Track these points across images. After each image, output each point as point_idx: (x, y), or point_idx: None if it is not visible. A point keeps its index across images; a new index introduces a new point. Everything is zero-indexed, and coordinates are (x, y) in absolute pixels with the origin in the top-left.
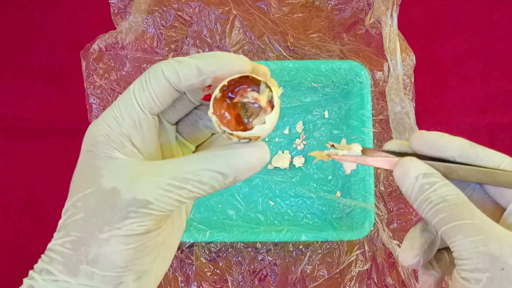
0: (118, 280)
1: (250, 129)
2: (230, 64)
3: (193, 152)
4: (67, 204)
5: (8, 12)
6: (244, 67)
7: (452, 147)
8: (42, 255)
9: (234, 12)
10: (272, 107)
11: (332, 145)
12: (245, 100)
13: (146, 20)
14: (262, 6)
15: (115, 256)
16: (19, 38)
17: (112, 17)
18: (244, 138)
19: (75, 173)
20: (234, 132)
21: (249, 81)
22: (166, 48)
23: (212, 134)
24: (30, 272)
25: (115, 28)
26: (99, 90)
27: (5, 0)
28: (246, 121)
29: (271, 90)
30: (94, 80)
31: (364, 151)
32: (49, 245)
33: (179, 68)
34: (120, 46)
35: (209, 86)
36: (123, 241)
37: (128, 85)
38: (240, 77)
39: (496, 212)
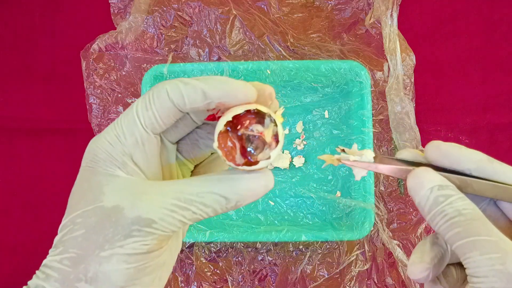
0: None
1: (255, 162)
2: (236, 92)
3: (192, 171)
4: (65, 220)
5: (8, 12)
6: (249, 96)
7: (470, 160)
8: (37, 271)
9: (234, 12)
10: (277, 142)
11: (343, 150)
12: (249, 133)
13: (146, 20)
14: (262, 6)
15: (115, 275)
16: (19, 38)
17: (112, 17)
18: (249, 171)
19: (74, 189)
20: (240, 167)
21: (254, 114)
22: (166, 48)
23: (212, 154)
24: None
25: (115, 28)
26: (99, 90)
27: (5, 0)
28: (251, 151)
29: (276, 124)
30: (94, 80)
31: (375, 158)
32: (45, 261)
33: (184, 90)
34: (120, 46)
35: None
36: (125, 260)
37: (128, 85)
38: (245, 112)
39: (509, 230)
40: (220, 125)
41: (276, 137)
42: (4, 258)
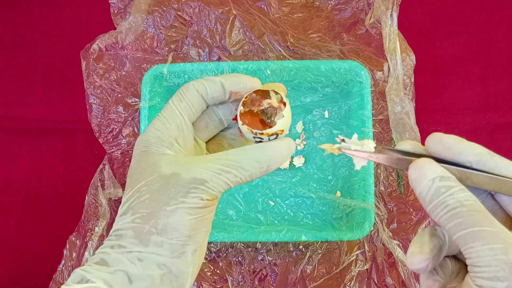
0: (182, 250)
1: (274, 125)
2: (244, 81)
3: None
4: (130, 192)
5: (8, 12)
6: (255, 85)
7: (471, 153)
8: (107, 238)
9: (234, 12)
10: (284, 103)
11: (343, 140)
12: (262, 107)
13: (146, 20)
14: (262, 6)
15: (181, 225)
16: (19, 38)
17: (112, 17)
18: (272, 134)
19: (131, 169)
20: (264, 131)
21: (261, 93)
22: (166, 48)
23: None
24: (99, 249)
25: (115, 28)
26: (99, 90)
27: (5, 0)
28: (269, 121)
29: (278, 93)
30: (94, 80)
31: (376, 149)
32: (116, 227)
33: (206, 83)
34: (120, 46)
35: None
36: (188, 212)
37: (128, 85)
38: (254, 92)
39: (506, 223)
40: (240, 108)
41: (282, 101)
42: (4, 258)
